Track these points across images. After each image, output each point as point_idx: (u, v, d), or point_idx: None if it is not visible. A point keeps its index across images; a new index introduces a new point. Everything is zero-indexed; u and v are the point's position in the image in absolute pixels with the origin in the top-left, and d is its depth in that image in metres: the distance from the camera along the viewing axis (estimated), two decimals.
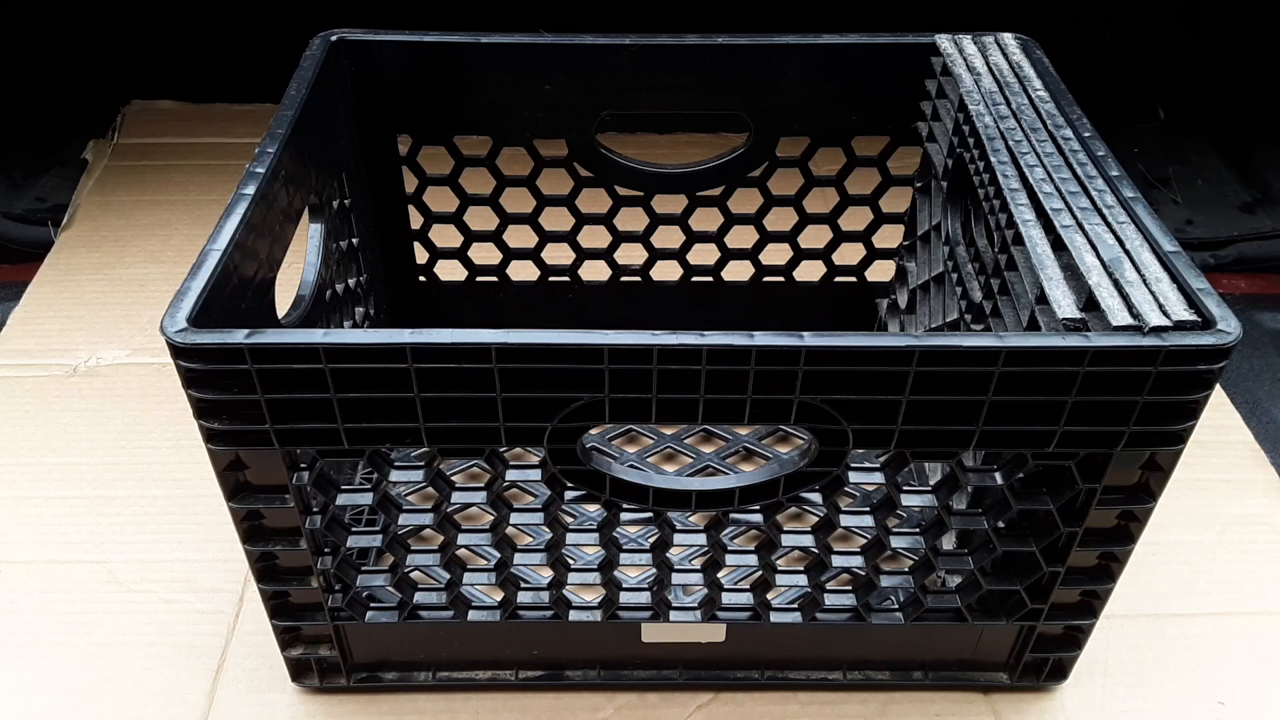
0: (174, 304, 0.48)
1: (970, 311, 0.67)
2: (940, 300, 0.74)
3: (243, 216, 0.54)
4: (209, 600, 0.71)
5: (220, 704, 0.65)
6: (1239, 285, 1.07)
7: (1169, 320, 0.48)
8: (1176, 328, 0.48)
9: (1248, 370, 0.95)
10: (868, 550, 0.59)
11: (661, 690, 0.66)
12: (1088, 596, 0.60)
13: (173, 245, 1.03)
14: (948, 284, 0.72)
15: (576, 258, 0.84)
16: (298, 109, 0.63)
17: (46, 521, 0.76)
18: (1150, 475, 0.54)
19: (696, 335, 0.47)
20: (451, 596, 0.61)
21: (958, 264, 0.70)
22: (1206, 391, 0.49)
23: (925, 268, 0.77)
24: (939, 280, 0.75)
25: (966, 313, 0.67)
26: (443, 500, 0.56)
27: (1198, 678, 0.67)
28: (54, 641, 0.68)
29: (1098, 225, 0.55)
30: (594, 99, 0.75)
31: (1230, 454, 0.83)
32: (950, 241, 0.71)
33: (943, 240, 0.73)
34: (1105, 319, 0.49)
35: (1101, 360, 0.47)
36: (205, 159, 1.15)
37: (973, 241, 0.69)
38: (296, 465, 0.53)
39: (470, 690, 0.66)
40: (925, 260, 0.77)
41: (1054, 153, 0.61)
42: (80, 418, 0.84)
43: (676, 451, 0.82)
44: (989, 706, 0.66)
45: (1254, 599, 0.72)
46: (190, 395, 0.49)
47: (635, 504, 0.56)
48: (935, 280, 0.75)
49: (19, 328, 0.93)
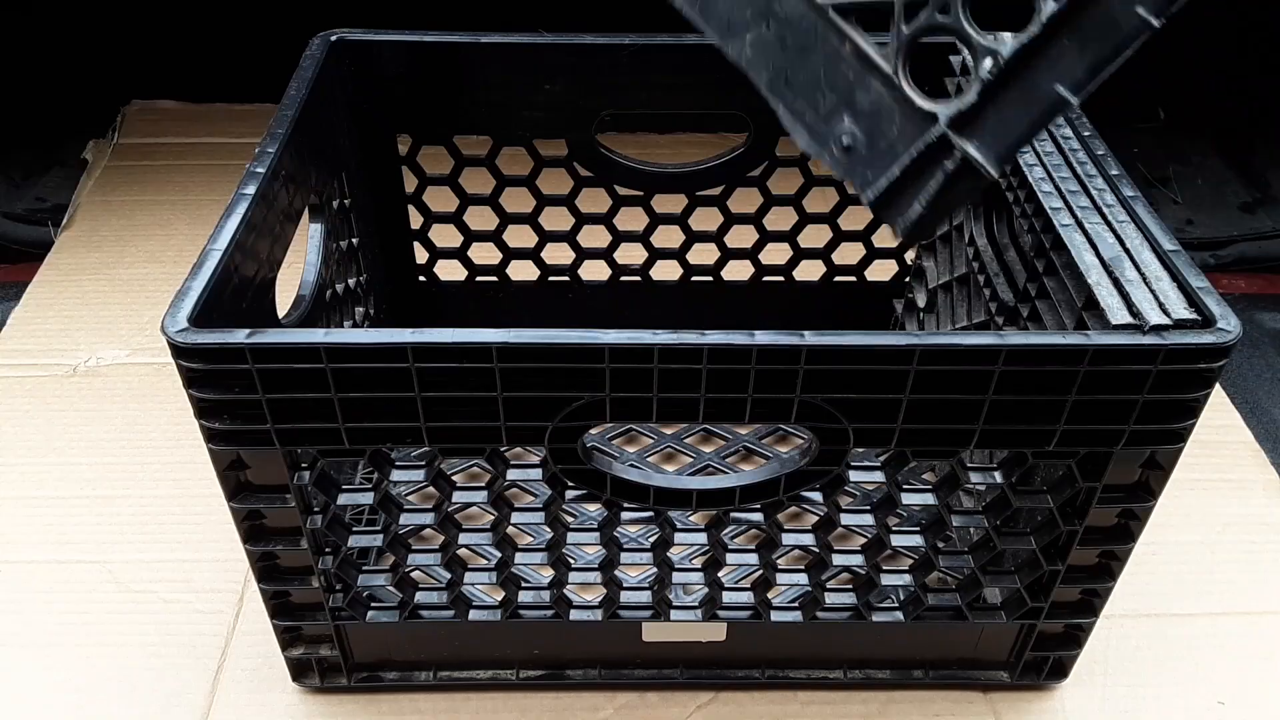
0: (175, 304, 0.48)
1: (1002, 313, 0.66)
2: (965, 301, 0.74)
3: (243, 216, 0.54)
4: (209, 600, 0.71)
5: (220, 704, 0.65)
6: (1239, 285, 1.07)
7: (1169, 319, 0.48)
8: (1176, 326, 0.48)
9: (1248, 370, 0.95)
10: (868, 549, 0.59)
11: (662, 689, 0.66)
12: (1088, 595, 0.60)
13: (173, 245, 1.03)
14: (972, 285, 0.72)
15: (576, 257, 0.84)
16: (298, 109, 0.63)
17: (47, 521, 0.76)
18: (1150, 474, 0.54)
19: (697, 334, 0.47)
20: (452, 596, 0.61)
21: (984, 264, 0.69)
22: (1206, 390, 0.49)
23: (946, 268, 0.77)
24: (962, 281, 0.74)
25: (998, 314, 0.67)
26: (443, 500, 0.56)
27: (1198, 678, 0.67)
28: (54, 641, 0.68)
29: (1097, 224, 0.56)
30: (594, 99, 0.75)
31: (1230, 454, 0.83)
32: (973, 242, 0.71)
33: (965, 240, 0.73)
34: (1105, 318, 0.50)
35: (1101, 359, 0.48)
36: (205, 159, 1.15)
37: (995, 241, 0.68)
38: (297, 465, 0.53)
39: (471, 690, 0.66)
40: (946, 260, 0.77)
41: (1054, 152, 0.61)
42: (80, 418, 0.84)
43: (677, 451, 0.82)
44: (989, 705, 0.66)
45: (1254, 599, 0.72)
46: (191, 395, 0.49)
47: (636, 503, 0.56)
48: (958, 281, 0.75)
49: (19, 328, 0.93)
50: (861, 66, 0.43)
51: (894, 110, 0.42)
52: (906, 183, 0.42)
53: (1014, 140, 0.40)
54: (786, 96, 0.44)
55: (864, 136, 0.43)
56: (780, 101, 0.45)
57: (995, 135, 0.40)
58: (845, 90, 0.43)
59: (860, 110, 0.43)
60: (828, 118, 0.44)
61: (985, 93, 0.40)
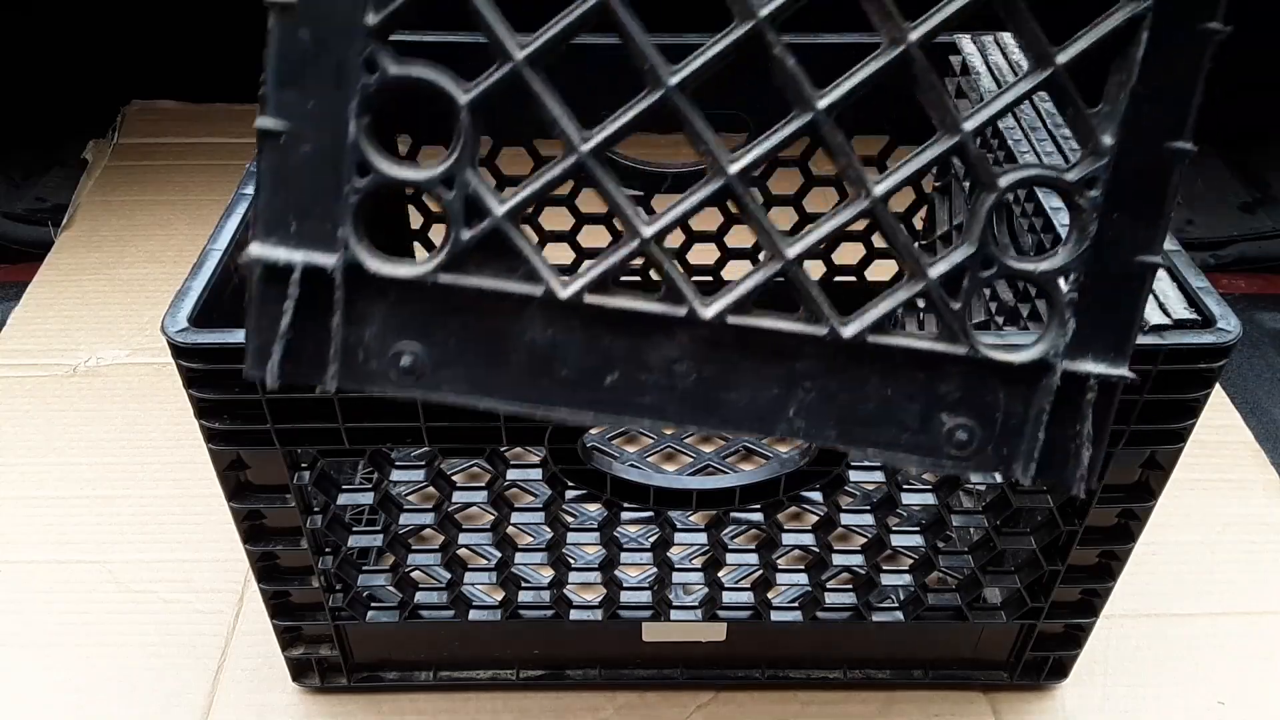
0: (175, 304, 0.48)
1: (1002, 313, 0.66)
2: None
3: (243, 216, 0.54)
4: (209, 600, 0.71)
5: (220, 704, 0.65)
6: (1239, 285, 1.07)
7: (1169, 319, 0.48)
8: (1176, 326, 0.48)
9: (1248, 370, 0.95)
10: (868, 549, 0.59)
11: (662, 689, 0.66)
12: (1088, 595, 0.60)
13: (173, 245, 1.03)
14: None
15: (577, 257, 0.84)
16: None
17: (47, 522, 0.76)
18: (1150, 474, 0.54)
19: None
20: (452, 596, 0.61)
21: None
22: (1206, 390, 0.49)
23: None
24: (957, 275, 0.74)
25: (997, 314, 0.67)
26: (443, 500, 0.56)
27: (1198, 678, 0.67)
28: (54, 641, 0.68)
29: None
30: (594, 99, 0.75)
31: (1230, 454, 0.83)
32: None
33: None
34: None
35: None
36: (205, 159, 1.15)
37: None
38: (297, 465, 0.53)
39: (471, 690, 0.66)
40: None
41: (1054, 152, 0.61)
42: (80, 418, 0.84)
43: (676, 451, 0.82)
44: (989, 705, 0.66)
45: (1254, 599, 0.72)
46: (191, 395, 0.49)
47: (636, 503, 0.56)
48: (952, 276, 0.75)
49: (19, 328, 0.93)
50: (928, 362, 0.39)
51: (992, 382, 0.39)
52: (1056, 438, 0.39)
53: (1126, 328, 0.38)
54: (868, 435, 0.39)
55: (975, 422, 0.39)
56: (865, 445, 0.40)
57: (1106, 337, 0.38)
58: (925, 392, 0.39)
59: (953, 401, 0.39)
60: (923, 428, 0.39)
61: (1078, 309, 0.37)
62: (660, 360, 0.39)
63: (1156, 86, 0.35)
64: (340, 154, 0.36)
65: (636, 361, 0.39)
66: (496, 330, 0.38)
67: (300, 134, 0.36)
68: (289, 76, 0.35)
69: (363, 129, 0.36)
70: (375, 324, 0.37)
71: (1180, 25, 0.35)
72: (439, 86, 0.37)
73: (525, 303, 0.38)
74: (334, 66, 0.36)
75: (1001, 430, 0.39)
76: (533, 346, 0.38)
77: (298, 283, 0.36)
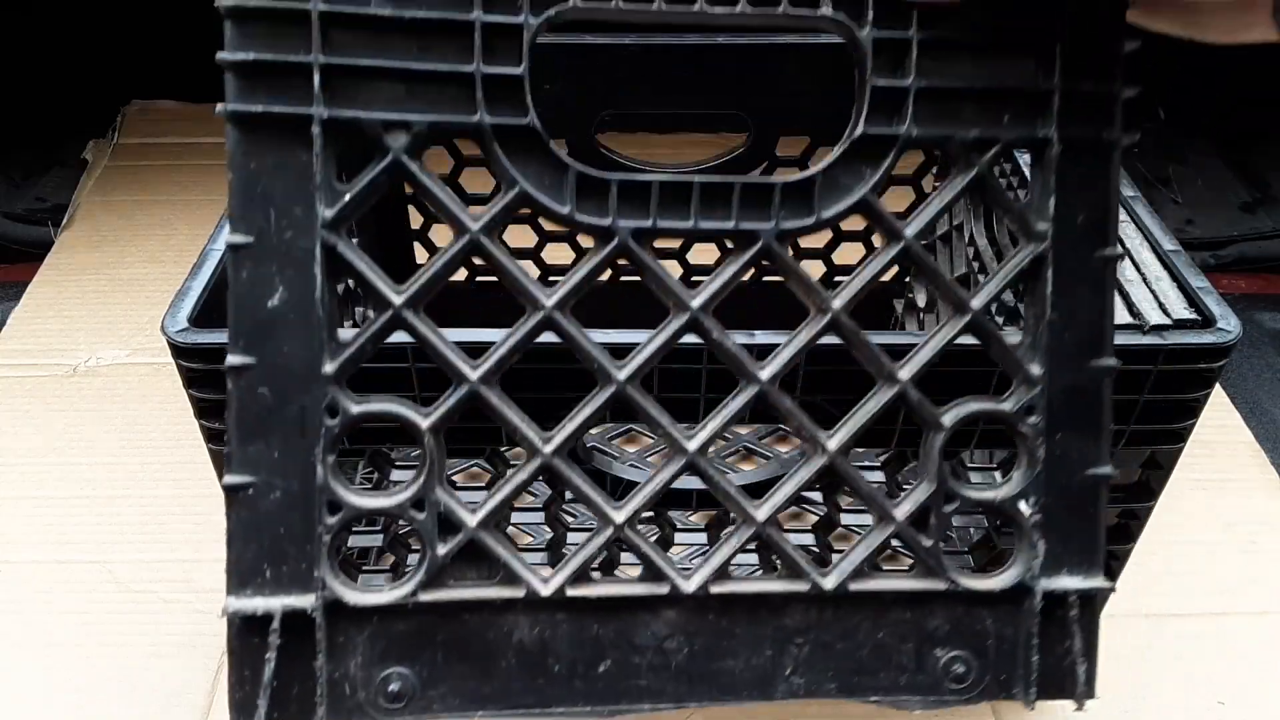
0: (175, 304, 0.48)
1: (1002, 313, 0.66)
2: None
3: None
4: (209, 600, 0.71)
5: (220, 704, 0.65)
6: (1239, 285, 1.07)
7: (1169, 319, 0.48)
8: (1176, 326, 0.48)
9: (1248, 370, 0.95)
10: None
11: None
12: None
13: (173, 245, 1.03)
14: (972, 285, 0.72)
15: (577, 257, 0.84)
16: None
17: (47, 522, 0.76)
18: (1150, 474, 0.54)
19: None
20: None
21: (984, 264, 0.69)
22: (1207, 390, 0.49)
23: (947, 267, 0.77)
24: (962, 281, 0.74)
25: (998, 314, 0.67)
26: None
27: (1198, 678, 0.67)
28: (54, 641, 0.68)
29: None
30: (594, 99, 0.75)
31: (1230, 454, 0.83)
32: (973, 242, 0.71)
33: (965, 240, 0.73)
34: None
35: None
36: (205, 159, 1.15)
37: (995, 241, 0.68)
38: None
39: None
40: (946, 260, 0.77)
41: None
42: (80, 418, 0.84)
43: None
44: (989, 705, 0.66)
45: (1254, 599, 0.72)
46: (191, 395, 0.49)
47: None
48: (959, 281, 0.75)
49: (19, 328, 0.93)
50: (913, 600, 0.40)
51: (977, 611, 0.40)
52: (1049, 659, 0.41)
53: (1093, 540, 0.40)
54: (868, 683, 0.41)
55: (969, 653, 0.41)
56: (867, 695, 0.41)
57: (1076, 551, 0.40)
58: (916, 629, 0.40)
59: (944, 634, 0.41)
60: (920, 666, 0.41)
61: (1044, 529, 0.39)
62: (650, 639, 0.40)
63: (1069, 313, 0.39)
64: (310, 496, 0.37)
65: (627, 645, 0.40)
66: (483, 637, 0.39)
67: (269, 484, 0.37)
68: (253, 431, 0.36)
69: (330, 469, 0.37)
70: (359, 654, 0.38)
71: (1080, 257, 0.39)
72: (402, 416, 0.38)
73: (509, 606, 0.38)
74: (297, 415, 0.37)
75: (996, 657, 0.41)
76: (522, 647, 0.39)
77: (278, 631, 0.36)
